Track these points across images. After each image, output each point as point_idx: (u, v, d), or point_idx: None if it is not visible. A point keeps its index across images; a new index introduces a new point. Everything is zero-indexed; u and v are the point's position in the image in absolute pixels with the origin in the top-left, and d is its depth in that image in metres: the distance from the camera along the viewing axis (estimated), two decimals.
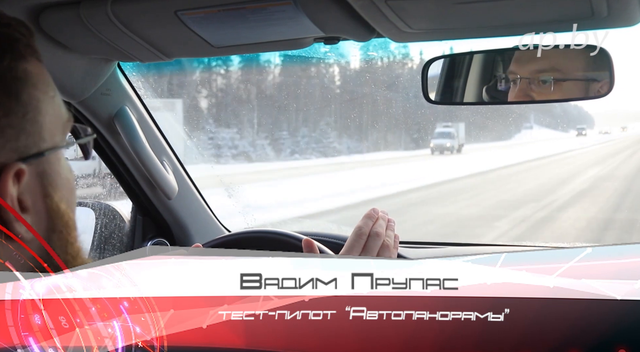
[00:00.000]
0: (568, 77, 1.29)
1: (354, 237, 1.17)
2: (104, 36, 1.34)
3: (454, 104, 1.44)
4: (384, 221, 1.21)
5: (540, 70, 1.29)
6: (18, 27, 0.69)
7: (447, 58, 1.40)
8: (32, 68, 0.68)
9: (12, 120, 0.64)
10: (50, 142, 0.68)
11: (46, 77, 0.71)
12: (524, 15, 1.17)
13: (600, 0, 1.06)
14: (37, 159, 0.66)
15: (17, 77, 0.65)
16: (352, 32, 1.28)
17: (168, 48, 1.43)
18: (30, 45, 0.69)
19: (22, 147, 0.64)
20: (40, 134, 0.67)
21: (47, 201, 0.67)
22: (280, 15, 1.21)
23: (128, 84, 1.75)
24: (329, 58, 4.06)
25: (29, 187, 0.65)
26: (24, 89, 0.66)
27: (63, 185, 0.70)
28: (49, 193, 0.68)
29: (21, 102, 0.65)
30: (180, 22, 1.25)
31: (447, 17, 1.21)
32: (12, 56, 0.65)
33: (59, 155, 0.70)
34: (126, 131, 1.71)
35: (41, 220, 0.67)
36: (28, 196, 0.65)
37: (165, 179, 1.83)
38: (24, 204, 0.65)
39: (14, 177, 0.63)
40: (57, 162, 0.70)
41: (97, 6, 1.24)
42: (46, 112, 0.68)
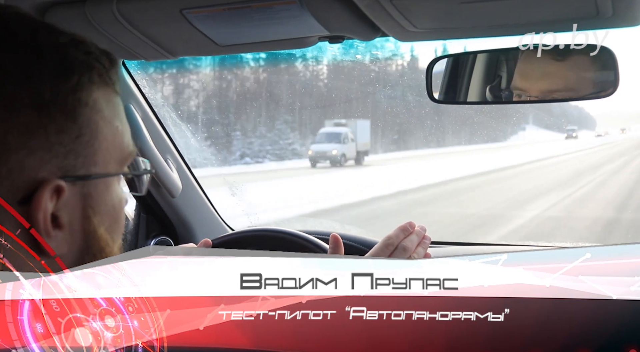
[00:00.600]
0: (581, 95, 1.28)
1: (381, 246, 1.15)
2: (109, 34, 1.34)
3: (458, 103, 1.44)
4: (418, 236, 1.18)
5: (551, 90, 1.29)
6: (100, 56, 0.70)
7: (451, 57, 1.40)
8: (100, 95, 0.69)
9: (63, 139, 0.65)
10: (102, 168, 0.69)
11: (116, 107, 0.72)
12: (529, 15, 1.17)
13: (605, 0, 1.05)
14: (82, 181, 0.67)
15: (79, 100, 0.66)
16: (356, 31, 1.28)
17: (173, 46, 1.43)
18: (107, 75, 0.70)
19: (68, 166, 0.65)
20: (93, 158, 0.68)
21: (84, 222, 0.68)
22: (285, 14, 1.21)
23: (133, 82, 1.75)
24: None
25: (69, 205, 0.66)
26: (85, 112, 0.67)
27: (107, 211, 0.71)
28: (89, 215, 0.68)
29: (78, 124, 0.66)
30: (186, 20, 1.25)
31: (452, 16, 1.21)
32: (80, 80, 0.67)
33: (108, 182, 0.71)
34: (131, 129, 1.71)
35: (75, 240, 0.68)
36: (65, 213, 0.66)
37: (170, 178, 1.84)
38: (60, 220, 0.65)
39: (53, 193, 0.64)
40: (106, 189, 0.70)
41: (103, 4, 1.24)
42: (104, 139, 0.69)
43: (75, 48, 0.68)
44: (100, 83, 0.69)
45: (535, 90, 1.30)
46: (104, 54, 0.71)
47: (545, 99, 1.33)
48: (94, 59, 0.69)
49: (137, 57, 1.50)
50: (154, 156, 1.77)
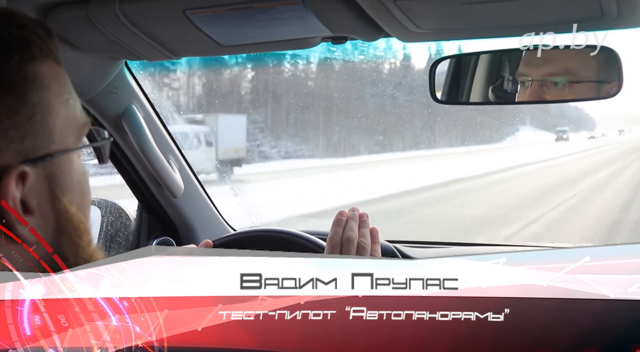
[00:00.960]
0: (580, 80, 1.28)
1: (329, 249, 1.17)
2: (111, 35, 1.34)
3: (460, 103, 1.44)
4: (355, 220, 1.19)
5: (552, 73, 1.29)
6: (35, 29, 0.68)
7: (453, 58, 1.40)
8: (45, 70, 0.67)
9: (17, 122, 0.63)
10: (60, 144, 0.67)
11: (62, 79, 0.70)
12: (532, 16, 1.16)
13: (609, 1, 1.05)
14: (44, 161, 0.65)
15: (25, 79, 0.64)
16: (360, 32, 1.28)
17: (176, 47, 1.43)
18: (46, 48, 0.68)
19: (27, 149, 0.63)
20: (50, 136, 0.66)
21: (54, 203, 0.66)
22: (288, 14, 1.21)
23: (135, 82, 1.75)
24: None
25: (35, 189, 0.64)
26: (33, 90, 0.65)
27: (74, 188, 0.69)
28: (57, 195, 0.67)
29: (29, 104, 0.64)
30: (189, 21, 1.25)
31: (455, 17, 1.20)
32: (21, 58, 0.64)
33: (70, 157, 0.69)
34: (133, 129, 1.71)
35: (48, 222, 0.66)
36: (33, 197, 0.64)
37: (172, 178, 1.84)
38: (29, 205, 0.64)
39: (18, 179, 0.62)
40: (69, 165, 0.69)
41: (106, 5, 1.24)
42: (57, 115, 0.67)
43: (8, 25, 0.66)
44: (42, 57, 0.67)
45: (538, 74, 1.30)
46: (38, 25, 0.69)
47: (548, 100, 1.33)
48: (30, 32, 0.67)
49: (140, 58, 1.50)
50: (156, 156, 1.77)
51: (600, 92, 1.28)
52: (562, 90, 1.30)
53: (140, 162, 1.80)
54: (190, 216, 1.99)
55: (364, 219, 1.20)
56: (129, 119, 1.70)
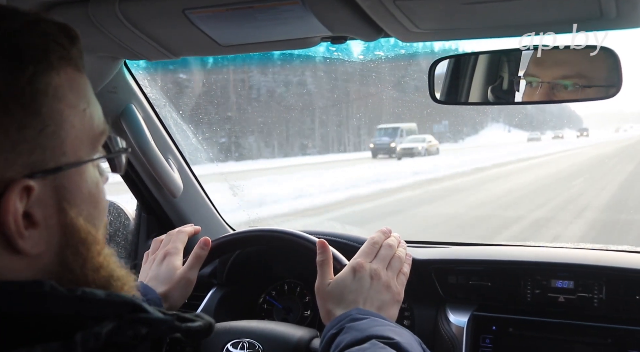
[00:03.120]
0: (580, 80, 1.29)
1: (369, 245, 1.28)
2: (111, 34, 1.34)
3: (460, 103, 1.44)
4: (396, 239, 1.33)
5: (565, 76, 1.29)
6: (57, 36, 0.65)
7: (453, 58, 1.41)
8: (62, 80, 0.65)
9: (27, 135, 0.61)
10: (72, 156, 0.65)
11: (80, 87, 0.68)
12: (531, 16, 1.17)
13: (609, 1, 1.06)
14: (54, 174, 0.63)
15: (38, 90, 0.62)
16: (359, 32, 1.28)
17: (175, 46, 1.43)
18: (67, 56, 0.66)
19: (35, 162, 0.62)
20: (61, 148, 0.64)
21: (60, 216, 0.65)
22: (288, 14, 1.21)
23: (134, 82, 1.75)
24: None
25: (41, 201, 0.62)
26: (46, 102, 0.63)
27: (83, 200, 0.67)
28: (64, 208, 0.65)
29: (40, 116, 0.62)
30: (188, 20, 1.25)
31: (455, 17, 1.21)
32: (36, 68, 0.62)
33: (82, 170, 0.67)
34: (132, 129, 1.71)
35: (53, 235, 0.64)
36: (39, 210, 0.62)
37: (171, 177, 1.84)
38: (34, 218, 0.62)
39: (22, 193, 0.60)
40: (79, 177, 0.67)
41: (106, 4, 1.24)
42: (71, 126, 0.65)
43: (29, 33, 0.63)
44: (61, 66, 0.65)
45: (549, 76, 1.31)
46: (63, 31, 0.66)
47: (547, 100, 1.33)
48: (52, 40, 0.65)
49: (139, 57, 1.50)
50: (156, 156, 1.77)
51: (599, 93, 1.28)
52: (563, 91, 1.30)
53: (139, 161, 1.80)
54: (189, 216, 1.99)
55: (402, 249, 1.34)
56: (128, 118, 1.70)
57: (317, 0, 1.16)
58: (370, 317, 1.10)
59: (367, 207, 12.19)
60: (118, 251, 2.03)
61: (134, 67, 1.75)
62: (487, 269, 1.70)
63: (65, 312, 0.59)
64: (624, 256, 1.71)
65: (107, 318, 0.60)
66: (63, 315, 0.59)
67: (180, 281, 1.35)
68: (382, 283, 1.21)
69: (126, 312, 0.62)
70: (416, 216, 11.35)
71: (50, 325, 0.58)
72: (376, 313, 1.14)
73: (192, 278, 1.37)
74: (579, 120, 39.65)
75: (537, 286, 1.63)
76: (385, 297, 1.20)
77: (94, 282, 0.67)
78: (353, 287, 1.19)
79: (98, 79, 1.60)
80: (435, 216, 10.95)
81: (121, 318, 0.61)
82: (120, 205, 2.04)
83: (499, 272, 1.69)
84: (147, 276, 1.37)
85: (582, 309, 1.58)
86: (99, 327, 0.59)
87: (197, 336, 0.67)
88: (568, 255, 1.73)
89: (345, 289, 1.19)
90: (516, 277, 1.66)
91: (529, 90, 1.32)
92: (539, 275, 1.64)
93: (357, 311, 1.12)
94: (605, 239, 8.30)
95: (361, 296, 1.18)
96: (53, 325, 0.58)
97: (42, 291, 0.59)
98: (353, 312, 1.11)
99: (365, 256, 1.25)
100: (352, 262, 1.25)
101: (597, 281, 1.58)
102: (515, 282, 1.66)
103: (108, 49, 1.46)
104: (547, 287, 1.62)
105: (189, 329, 0.67)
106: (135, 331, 0.61)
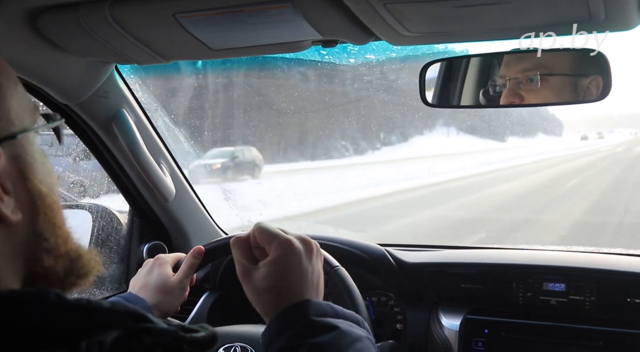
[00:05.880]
0: (554, 72, 1.29)
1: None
2: (102, 39, 1.34)
3: (451, 107, 1.45)
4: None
5: (526, 69, 1.30)
6: None
7: (444, 61, 1.41)
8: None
9: None
10: (19, 126, 0.68)
11: (6, 68, 0.70)
12: (522, 19, 1.17)
13: (597, 4, 1.06)
14: (9, 142, 0.65)
15: None
16: (350, 35, 1.28)
17: (166, 51, 1.43)
18: None
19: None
20: (9, 118, 0.66)
21: (26, 183, 0.67)
22: (278, 18, 1.21)
23: (125, 86, 1.75)
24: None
25: (6, 170, 0.64)
26: None
27: (39, 168, 0.70)
28: (28, 176, 0.67)
29: None
30: (179, 24, 1.25)
31: (446, 21, 1.21)
32: None
33: (30, 139, 0.70)
34: (124, 134, 1.71)
35: (23, 203, 0.66)
36: (6, 179, 0.64)
37: (163, 182, 1.83)
38: (5, 187, 0.64)
39: None
40: (30, 146, 0.69)
41: (96, 9, 1.24)
42: (11, 98, 0.68)
43: None
44: None
45: (513, 72, 1.32)
46: None
47: (537, 102, 1.34)
48: None
49: (130, 62, 1.50)
50: (147, 161, 1.77)
51: (586, 95, 1.29)
52: (547, 92, 1.31)
53: (131, 166, 1.79)
54: (181, 220, 1.98)
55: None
56: (120, 123, 1.70)
57: (308, 4, 1.16)
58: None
59: None
60: (110, 256, 2.03)
61: (125, 71, 1.75)
62: (479, 272, 1.71)
63: (71, 321, 0.60)
64: (615, 259, 1.72)
65: (111, 327, 0.60)
66: (68, 324, 0.59)
67: (173, 290, 1.34)
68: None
69: (131, 322, 0.62)
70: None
71: (55, 333, 0.58)
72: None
73: (184, 287, 1.37)
74: (559, 123, 36.10)
75: (529, 289, 1.64)
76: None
77: (66, 253, 0.70)
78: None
79: (89, 83, 1.60)
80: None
81: (126, 328, 0.61)
82: (112, 210, 2.03)
83: (491, 276, 1.69)
84: (137, 284, 1.36)
85: (573, 311, 1.59)
86: (103, 336, 0.59)
87: (201, 347, 0.67)
88: (560, 258, 1.73)
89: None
90: (508, 281, 1.66)
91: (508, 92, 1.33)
92: (530, 278, 1.64)
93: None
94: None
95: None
96: (58, 333, 0.59)
97: (48, 300, 0.59)
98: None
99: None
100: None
101: (588, 283, 1.58)
102: (507, 285, 1.66)
103: (99, 54, 1.46)
104: (539, 290, 1.63)
105: (193, 340, 0.67)
106: (140, 340, 0.61)
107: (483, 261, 1.75)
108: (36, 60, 1.45)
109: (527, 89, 1.31)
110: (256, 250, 0.99)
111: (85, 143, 1.79)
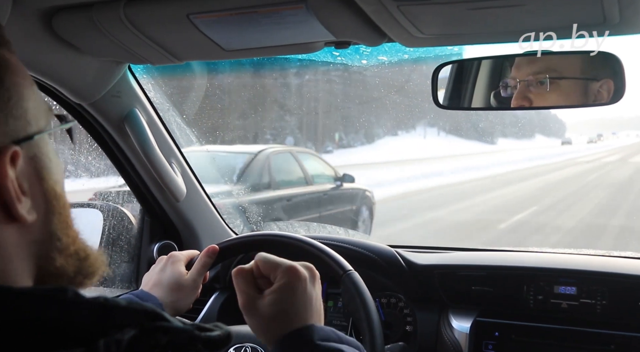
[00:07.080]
0: (564, 75, 1.29)
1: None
2: (115, 39, 1.34)
3: (462, 109, 1.44)
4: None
5: (536, 72, 1.30)
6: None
7: (456, 63, 1.41)
8: (8, 56, 0.68)
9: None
10: (36, 126, 0.68)
11: (22, 67, 0.71)
12: (535, 21, 1.17)
13: (612, 7, 1.06)
14: (27, 143, 0.66)
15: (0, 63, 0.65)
16: (363, 37, 1.29)
17: (179, 51, 1.43)
18: (3, 35, 0.69)
19: (11, 131, 0.64)
20: (26, 118, 0.67)
21: (42, 184, 0.68)
22: (292, 19, 1.21)
23: (138, 86, 1.75)
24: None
25: (23, 171, 0.65)
26: (7, 74, 0.66)
27: (54, 168, 0.70)
28: (44, 176, 0.68)
29: (5, 87, 0.65)
30: (192, 25, 1.26)
31: (459, 23, 1.21)
32: None
33: (46, 139, 0.71)
34: (136, 133, 1.71)
35: (39, 203, 0.67)
36: (24, 179, 0.65)
37: (174, 182, 1.84)
38: (22, 187, 0.64)
39: (10, 161, 0.63)
40: (46, 146, 0.70)
41: (110, 9, 1.24)
42: (29, 98, 0.68)
43: None
44: (2, 44, 0.68)
45: (524, 75, 1.31)
46: None
47: (549, 105, 1.33)
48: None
49: (143, 62, 1.50)
50: (159, 160, 1.77)
51: (598, 98, 1.28)
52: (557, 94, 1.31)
53: (142, 165, 1.80)
54: (192, 220, 1.99)
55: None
56: (132, 122, 1.71)
57: (321, 5, 1.16)
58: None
59: None
60: (121, 255, 2.03)
61: (138, 71, 1.75)
62: (490, 274, 1.70)
63: (88, 319, 0.60)
64: (627, 262, 1.71)
65: (128, 326, 0.61)
66: (86, 322, 0.60)
67: (186, 288, 1.35)
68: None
69: (147, 321, 0.62)
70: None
71: (72, 331, 0.59)
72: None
73: (197, 285, 1.37)
74: (562, 125, 34.13)
75: (540, 292, 1.63)
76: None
77: (76, 252, 0.71)
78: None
79: (102, 83, 1.60)
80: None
81: (142, 326, 0.61)
82: (123, 209, 2.04)
83: (502, 278, 1.69)
84: (150, 281, 1.37)
85: (584, 315, 1.58)
86: (120, 335, 0.59)
87: (216, 346, 0.67)
88: (571, 261, 1.73)
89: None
90: (519, 283, 1.66)
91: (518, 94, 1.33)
92: (542, 281, 1.64)
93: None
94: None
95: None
96: (75, 332, 0.59)
97: (66, 297, 0.60)
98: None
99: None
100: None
101: (600, 287, 1.58)
102: (518, 288, 1.65)
103: (112, 54, 1.47)
104: (550, 293, 1.62)
105: (208, 339, 0.67)
106: (156, 339, 0.61)
107: (494, 263, 1.75)
108: (50, 60, 1.46)
109: (537, 92, 1.31)
110: (260, 280, 1.02)
111: (98, 142, 1.80)
